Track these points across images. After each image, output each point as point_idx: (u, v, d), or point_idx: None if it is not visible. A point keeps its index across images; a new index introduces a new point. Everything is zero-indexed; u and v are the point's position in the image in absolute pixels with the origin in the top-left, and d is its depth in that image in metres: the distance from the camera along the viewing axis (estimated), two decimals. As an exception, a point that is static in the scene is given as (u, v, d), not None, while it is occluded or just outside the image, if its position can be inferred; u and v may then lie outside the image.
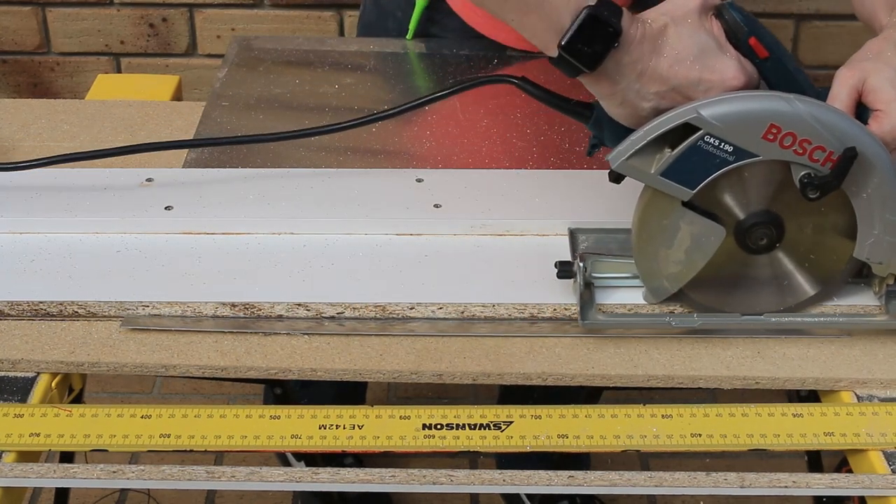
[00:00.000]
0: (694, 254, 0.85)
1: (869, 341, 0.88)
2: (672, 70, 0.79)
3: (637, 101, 0.80)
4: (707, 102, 0.78)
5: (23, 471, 0.77)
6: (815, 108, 0.78)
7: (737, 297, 0.87)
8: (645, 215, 0.84)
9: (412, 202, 0.99)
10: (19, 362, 0.85)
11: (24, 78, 2.15)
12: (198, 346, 0.86)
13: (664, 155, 0.80)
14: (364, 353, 0.86)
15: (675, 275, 0.86)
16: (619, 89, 0.80)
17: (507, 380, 0.85)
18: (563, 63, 0.79)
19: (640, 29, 0.79)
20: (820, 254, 0.86)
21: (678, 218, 0.83)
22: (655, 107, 0.80)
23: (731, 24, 0.81)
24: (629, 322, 0.88)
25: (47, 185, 1.00)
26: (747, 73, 0.81)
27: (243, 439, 0.79)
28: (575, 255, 0.92)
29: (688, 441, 0.80)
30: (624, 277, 0.90)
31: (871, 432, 0.80)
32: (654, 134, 0.79)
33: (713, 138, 0.79)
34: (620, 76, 0.79)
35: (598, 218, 0.97)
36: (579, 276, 0.87)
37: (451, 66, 1.29)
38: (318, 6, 2.03)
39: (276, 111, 1.17)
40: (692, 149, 0.79)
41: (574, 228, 0.95)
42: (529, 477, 0.78)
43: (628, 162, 0.80)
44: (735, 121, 0.78)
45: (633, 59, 0.79)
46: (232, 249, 0.95)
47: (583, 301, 0.87)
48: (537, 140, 1.13)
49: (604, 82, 0.80)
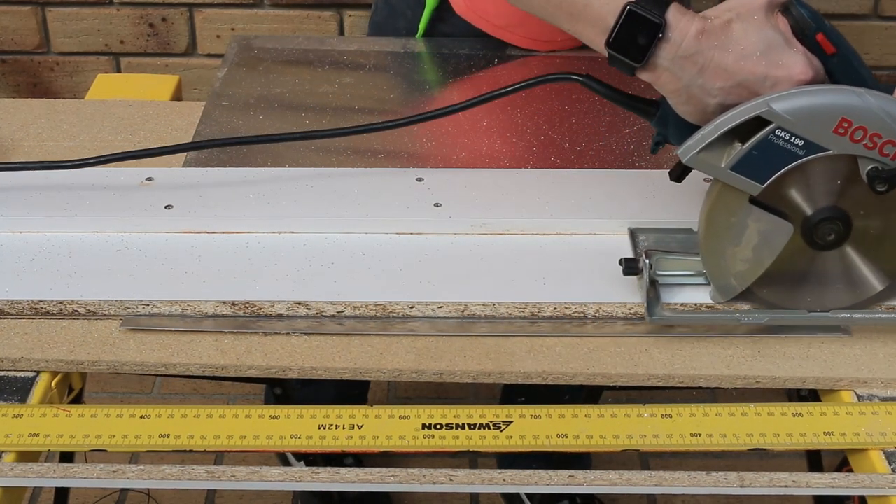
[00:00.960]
0: (761, 251, 0.85)
1: (869, 341, 0.88)
2: (738, 65, 0.80)
3: (703, 97, 0.81)
4: (779, 96, 0.78)
5: (22, 471, 0.77)
6: (886, 102, 0.78)
7: (804, 293, 0.87)
8: (713, 213, 0.84)
9: (412, 201, 0.99)
10: (19, 361, 0.85)
11: (23, 78, 2.15)
12: (198, 345, 0.86)
13: (734, 149, 0.80)
14: (364, 352, 0.86)
15: (743, 273, 0.86)
16: (683, 85, 0.81)
17: (508, 378, 0.85)
18: (616, 61, 0.82)
19: (699, 23, 0.80)
20: (888, 248, 0.86)
21: (746, 215, 0.83)
22: (721, 102, 0.81)
23: (798, 20, 0.81)
24: (697, 319, 0.88)
25: (47, 184, 1.00)
26: (815, 69, 0.81)
27: (243, 439, 0.79)
28: (637, 252, 0.92)
29: (688, 441, 0.80)
30: (686, 275, 0.90)
31: (871, 432, 0.80)
32: (725, 128, 0.80)
33: (784, 132, 0.79)
34: (681, 70, 0.80)
35: (598, 218, 0.97)
36: (645, 272, 0.87)
37: (452, 66, 1.29)
38: (318, 6, 2.03)
39: (276, 111, 1.17)
40: (763, 143, 0.79)
41: (634, 228, 0.96)
42: (529, 477, 0.78)
43: (698, 156, 0.81)
44: (806, 115, 0.78)
45: (691, 52, 0.80)
46: (232, 248, 0.95)
47: (649, 297, 0.87)
48: (537, 139, 1.13)
49: (665, 78, 0.82)
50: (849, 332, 0.88)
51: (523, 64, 1.29)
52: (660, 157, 1.09)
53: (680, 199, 0.99)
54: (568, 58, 1.29)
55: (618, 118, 1.16)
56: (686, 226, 0.96)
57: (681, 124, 0.85)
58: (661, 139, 0.89)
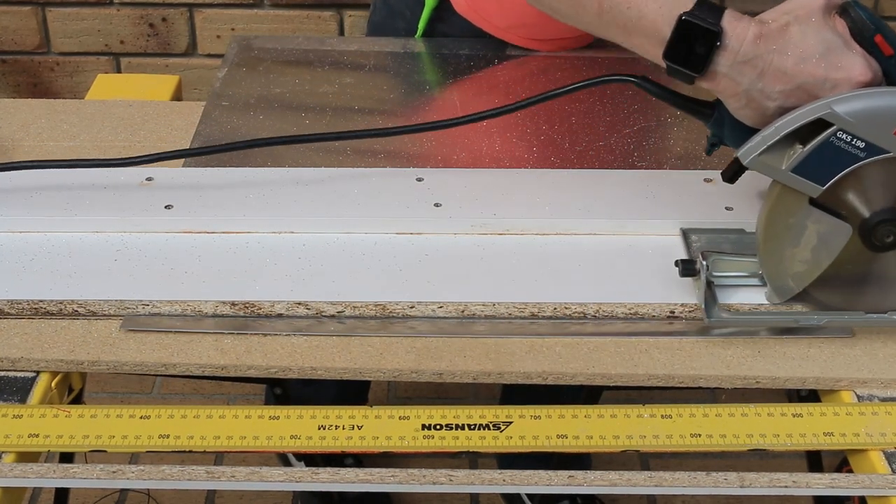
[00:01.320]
0: (820, 253, 0.85)
1: (869, 341, 0.88)
2: (797, 68, 0.80)
3: (762, 101, 0.81)
4: (840, 98, 0.79)
5: (22, 471, 0.77)
6: None
7: (861, 295, 0.87)
8: (772, 214, 0.84)
9: (412, 201, 0.99)
10: (19, 361, 0.85)
11: (24, 78, 2.15)
12: (198, 344, 0.86)
13: (795, 151, 0.81)
14: (364, 352, 0.86)
15: (800, 274, 0.86)
16: (743, 90, 0.81)
17: (508, 379, 0.85)
18: (674, 72, 0.82)
19: (756, 28, 0.80)
20: None
21: (805, 217, 0.83)
22: (781, 105, 0.81)
23: (856, 22, 0.81)
24: (754, 320, 0.88)
25: (47, 184, 1.00)
26: (873, 71, 0.81)
27: (242, 440, 0.79)
28: (691, 253, 0.92)
29: (688, 441, 0.79)
30: (740, 276, 0.90)
31: (871, 432, 0.80)
32: (786, 130, 0.80)
33: (846, 134, 0.79)
34: (740, 76, 0.81)
35: (598, 218, 0.97)
36: (702, 273, 0.87)
37: (452, 66, 1.29)
38: (318, 6, 2.03)
39: (276, 111, 1.17)
40: (824, 145, 0.79)
41: (686, 228, 0.95)
42: (529, 477, 0.77)
43: (759, 158, 0.81)
44: (868, 117, 0.78)
45: (749, 57, 0.80)
46: (232, 248, 0.95)
47: (706, 299, 0.87)
48: (537, 139, 1.13)
49: (724, 84, 0.82)
50: (850, 332, 0.88)
51: (523, 64, 1.29)
52: (660, 158, 1.09)
53: (680, 199, 1.00)
54: (569, 58, 1.29)
55: (618, 118, 1.16)
56: (684, 226, 0.96)
57: (737, 127, 0.85)
58: (716, 141, 0.89)
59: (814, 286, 0.87)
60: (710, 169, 1.05)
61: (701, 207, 0.98)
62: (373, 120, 1.17)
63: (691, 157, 1.10)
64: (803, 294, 0.88)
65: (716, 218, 0.96)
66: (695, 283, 0.89)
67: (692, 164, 1.08)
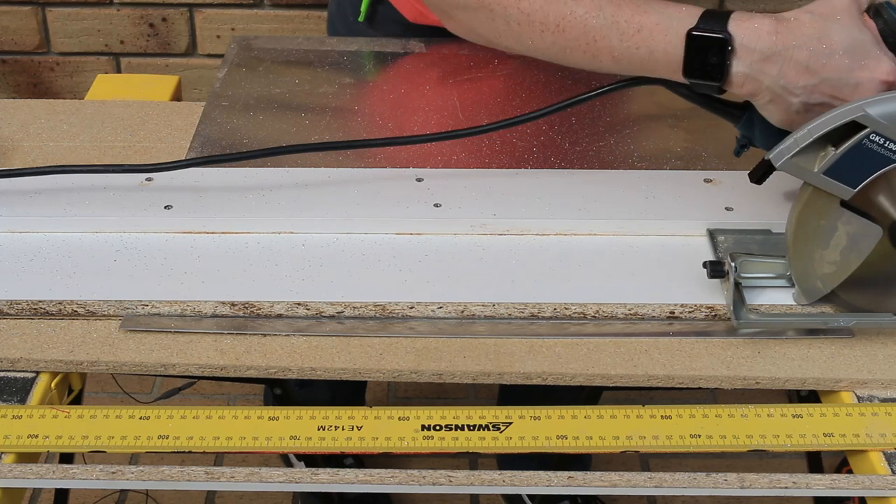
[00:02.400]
0: (849, 254, 0.85)
1: (869, 341, 0.88)
2: (819, 63, 0.80)
3: (786, 96, 0.82)
4: (874, 100, 0.78)
5: (22, 471, 0.77)
6: None
7: (889, 296, 0.87)
8: (803, 216, 0.84)
9: (412, 202, 0.99)
10: (18, 361, 0.85)
11: (23, 78, 2.15)
12: (197, 345, 0.86)
13: (827, 153, 0.80)
14: (364, 353, 0.86)
15: (829, 275, 0.86)
16: (766, 86, 0.82)
17: (507, 379, 0.85)
18: (700, 87, 0.83)
19: (771, 23, 0.80)
20: None
21: (836, 218, 0.83)
22: (805, 101, 0.81)
23: (889, 24, 0.81)
24: (782, 322, 0.88)
25: (47, 184, 1.00)
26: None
27: (242, 440, 0.79)
28: (718, 254, 0.92)
29: (687, 442, 0.79)
30: (767, 277, 0.90)
31: (871, 433, 0.80)
32: (820, 132, 0.79)
33: (879, 136, 0.79)
34: (761, 74, 0.81)
35: (598, 218, 0.97)
36: (731, 275, 0.87)
37: (452, 66, 1.28)
38: (318, 6, 2.03)
39: (276, 111, 1.17)
40: (856, 147, 0.79)
41: (713, 229, 0.95)
42: (529, 478, 0.77)
43: (792, 160, 0.81)
44: None
45: (768, 54, 0.80)
46: (231, 249, 0.95)
47: (734, 300, 0.87)
48: (537, 140, 1.12)
49: (749, 85, 0.82)
50: (851, 332, 0.88)
51: (523, 63, 1.28)
52: (660, 158, 1.09)
53: (680, 199, 0.99)
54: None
55: (618, 118, 1.16)
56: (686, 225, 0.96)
57: (767, 128, 0.85)
58: (746, 142, 0.89)
59: (842, 288, 0.87)
60: (710, 169, 1.05)
61: (701, 207, 0.98)
62: (372, 120, 1.17)
63: (691, 157, 1.10)
64: (831, 295, 0.88)
65: (716, 218, 0.96)
66: (722, 285, 0.89)
67: (692, 164, 1.08)
